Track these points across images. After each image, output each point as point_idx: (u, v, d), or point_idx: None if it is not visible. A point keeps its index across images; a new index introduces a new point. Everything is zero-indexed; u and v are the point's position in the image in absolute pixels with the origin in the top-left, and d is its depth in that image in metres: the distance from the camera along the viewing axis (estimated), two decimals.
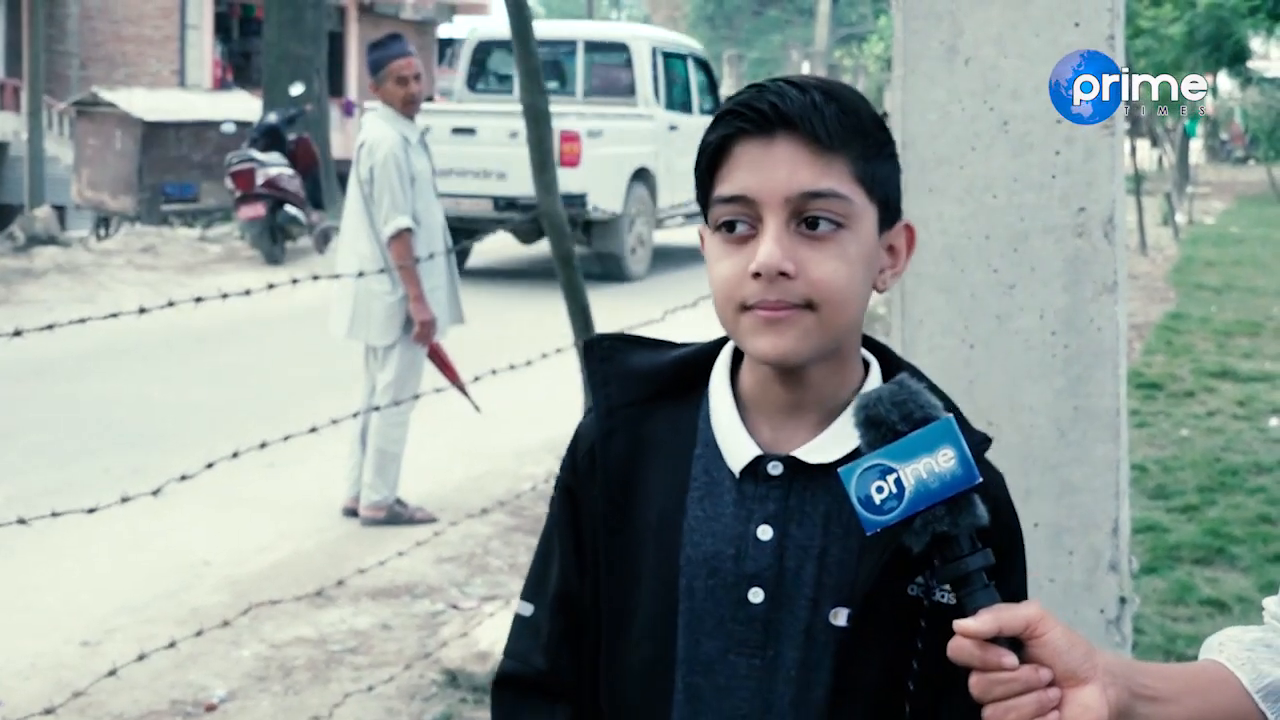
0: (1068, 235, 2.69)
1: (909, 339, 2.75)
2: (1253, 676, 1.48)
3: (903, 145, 2.75)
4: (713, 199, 1.50)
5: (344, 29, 33.47)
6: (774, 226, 1.46)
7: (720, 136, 1.50)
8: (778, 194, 1.46)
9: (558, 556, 1.62)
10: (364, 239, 6.60)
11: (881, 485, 1.34)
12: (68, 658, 5.06)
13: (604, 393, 1.60)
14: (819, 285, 1.46)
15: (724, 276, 1.49)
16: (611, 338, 1.64)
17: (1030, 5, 2.69)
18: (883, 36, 47.09)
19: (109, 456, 7.60)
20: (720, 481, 1.54)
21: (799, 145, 1.47)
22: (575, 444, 1.63)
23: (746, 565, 1.51)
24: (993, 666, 1.32)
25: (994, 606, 1.34)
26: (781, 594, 1.50)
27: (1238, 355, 10.81)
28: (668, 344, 1.65)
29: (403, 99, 6.63)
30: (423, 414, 6.85)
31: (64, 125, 25.64)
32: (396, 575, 5.83)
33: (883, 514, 1.35)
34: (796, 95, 1.48)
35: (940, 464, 1.33)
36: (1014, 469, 2.71)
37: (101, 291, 13.67)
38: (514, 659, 1.65)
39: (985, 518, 1.36)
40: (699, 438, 1.56)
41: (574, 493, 1.61)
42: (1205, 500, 6.77)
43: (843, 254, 1.48)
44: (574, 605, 1.60)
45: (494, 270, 14.92)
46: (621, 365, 1.61)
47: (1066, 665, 1.34)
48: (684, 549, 1.53)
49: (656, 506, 1.55)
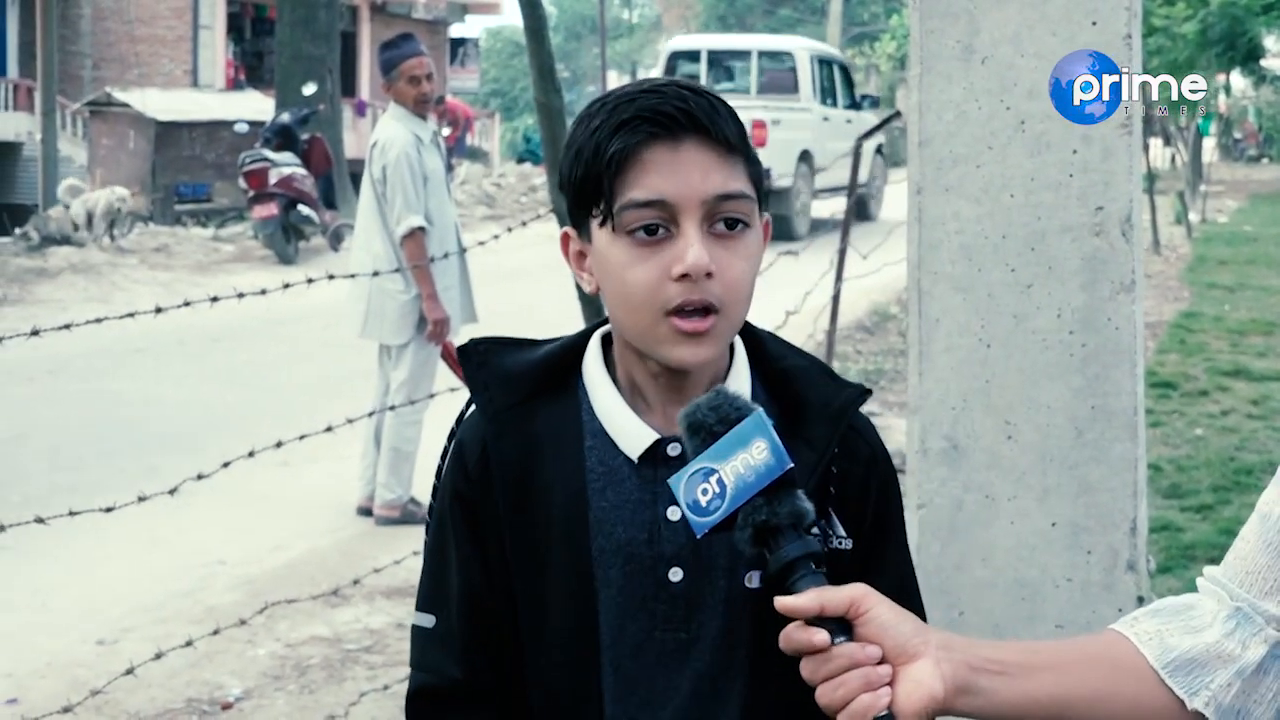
0: (1085, 234, 2.69)
1: (925, 338, 2.74)
2: (1159, 651, 1.46)
3: (919, 144, 2.75)
4: (621, 204, 1.51)
5: (356, 29, 33.51)
6: (693, 230, 1.49)
7: (627, 143, 1.50)
8: (694, 198, 1.50)
9: (456, 565, 1.61)
10: (377, 238, 6.61)
11: (706, 487, 1.38)
12: (83, 656, 5.08)
13: (486, 396, 1.61)
14: (731, 286, 1.51)
15: (642, 281, 1.50)
16: (485, 341, 1.65)
17: (1047, 4, 2.69)
18: (894, 35, 47.06)
19: (123, 456, 7.62)
20: (618, 469, 1.57)
21: (706, 149, 1.51)
22: (461, 452, 1.63)
23: (662, 547, 1.55)
24: (805, 646, 1.33)
25: (818, 588, 1.35)
26: (698, 569, 1.54)
27: (1252, 354, 10.78)
28: (534, 342, 1.67)
29: (415, 98, 6.64)
30: (436, 413, 6.85)
31: (77, 125, 25.71)
32: (411, 574, 5.81)
33: (709, 515, 1.37)
34: (695, 99, 1.51)
35: (755, 457, 1.36)
36: (1032, 468, 2.70)
37: (115, 291, 13.70)
38: (426, 671, 1.63)
39: (808, 510, 1.38)
40: (585, 429, 1.59)
41: (467, 499, 1.61)
42: (1220, 500, 6.75)
43: (748, 253, 1.54)
44: (482, 611, 1.60)
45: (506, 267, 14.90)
46: (499, 368, 1.62)
47: (895, 641, 1.34)
48: (594, 540, 1.55)
49: (558, 501, 1.57)
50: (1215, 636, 1.46)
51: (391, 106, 6.74)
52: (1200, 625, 1.48)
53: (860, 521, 1.60)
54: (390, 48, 6.80)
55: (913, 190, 2.77)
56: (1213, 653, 1.46)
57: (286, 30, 20.54)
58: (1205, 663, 1.46)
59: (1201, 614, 1.49)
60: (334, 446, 5.89)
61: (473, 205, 21.35)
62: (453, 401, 7.00)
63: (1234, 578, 1.50)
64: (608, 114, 1.52)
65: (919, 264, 2.76)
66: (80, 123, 25.36)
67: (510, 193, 23.64)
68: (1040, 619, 2.72)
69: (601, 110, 1.53)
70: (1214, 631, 1.47)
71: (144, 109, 21.65)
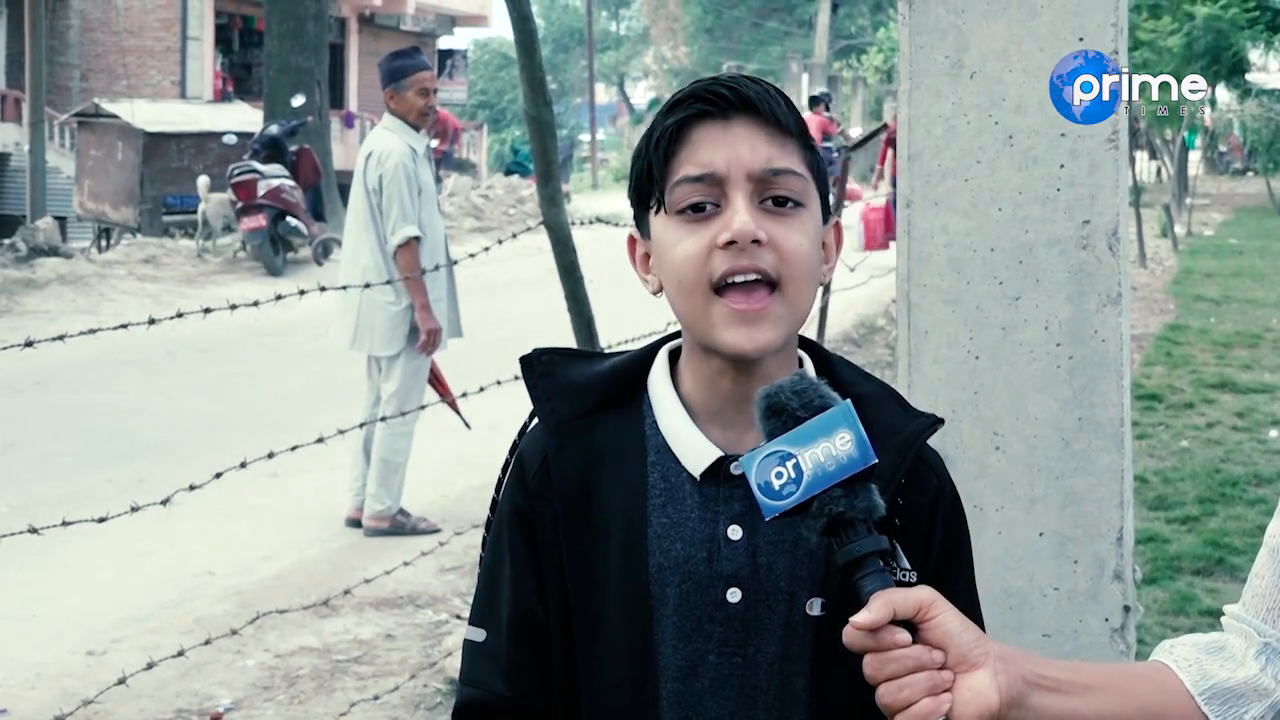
0: (1072, 248, 2.71)
1: (915, 350, 2.77)
2: (1197, 678, 1.49)
3: (909, 158, 2.77)
4: (672, 183, 1.51)
5: (344, 41, 33.53)
6: (741, 199, 1.48)
7: (679, 120, 1.51)
8: (743, 169, 1.49)
9: (510, 581, 1.59)
10: (366, 250, 6.62)
11: (781, 471, 1.36)
12: (73, 667, 5.08)
13: (549, 408, 1.58)
14: (788, 256, 1.48)
15: (689, 254, 1.49)
16: (548, 352, 1.62)
17: (1035, 20, 2.72)
18: (882, 49, 47.15)
19: (112, 467, 7.61)
20: (680, 486, 1.53)
21: (757, 126, 1.50)
22: (520, 465, 1.61)
23: (721, 566, 1.51)
24: (886, 646, 1.33)
25: (887, 590, 1.34)
26: (758, 591, 1.51)
27: (1237, 367, 10.82)
28: (600, 355, 1.65)
29: (420, 110, 6.67)
30: (425, 424, 6.87)
31: (65, 136, 25.67)
32: (400, 585, 5.84)
33: (781, 499, 1.35)
34: (749, 83, 1.52)
35: (838, 447, 1.34)
36: (1019, 479, 2.73)
37: (103, 303, 13.69)
38: (474, 686, 1.60)
39: (882, 507, 1.36)
40: (648, 444, 1.56)
41: (526, 514, 1.58)
42: (1205, 511, 6.78)
43: (804, 230, 1.51)
44: (534, 628, 1.57)
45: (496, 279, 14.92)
46: (561, 380, 1.60)
47: (959, 649, 1.35)
48: (652, 556, 1.53)
49: (618, 517, 1.54)
50: (1252, 672, 1.49)
51: (386, 117, 6.75)
52: (1235, 662, 1.50)
53: (926, 554, 1.56)
54: (401, 57, 6.81)
55: (902, 204, 2.80)
56: (1250, 686, 1.49)
57: (275, 42, 20.54)
58: (1242, 694, 1.48)
59: (1233, 652, 1.51)
60: (323, 457, 5.90)
61: (461, 217, 21.37)
62: (441, 413, 6.99)
63: (1257, 614, 1.52)
64: (667, 105, 1.54)
65: (908, 276, 2.78)
66: (68, 134, 25.33)
67: (498, 205, 23.66)
68: (1028, 628, 2.75)
69: (664, 105, 1.55)
70: (1249, 668, 1.49)
71: (132, 120, 21.62)
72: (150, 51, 29.96)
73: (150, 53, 29.94)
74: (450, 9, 36.83)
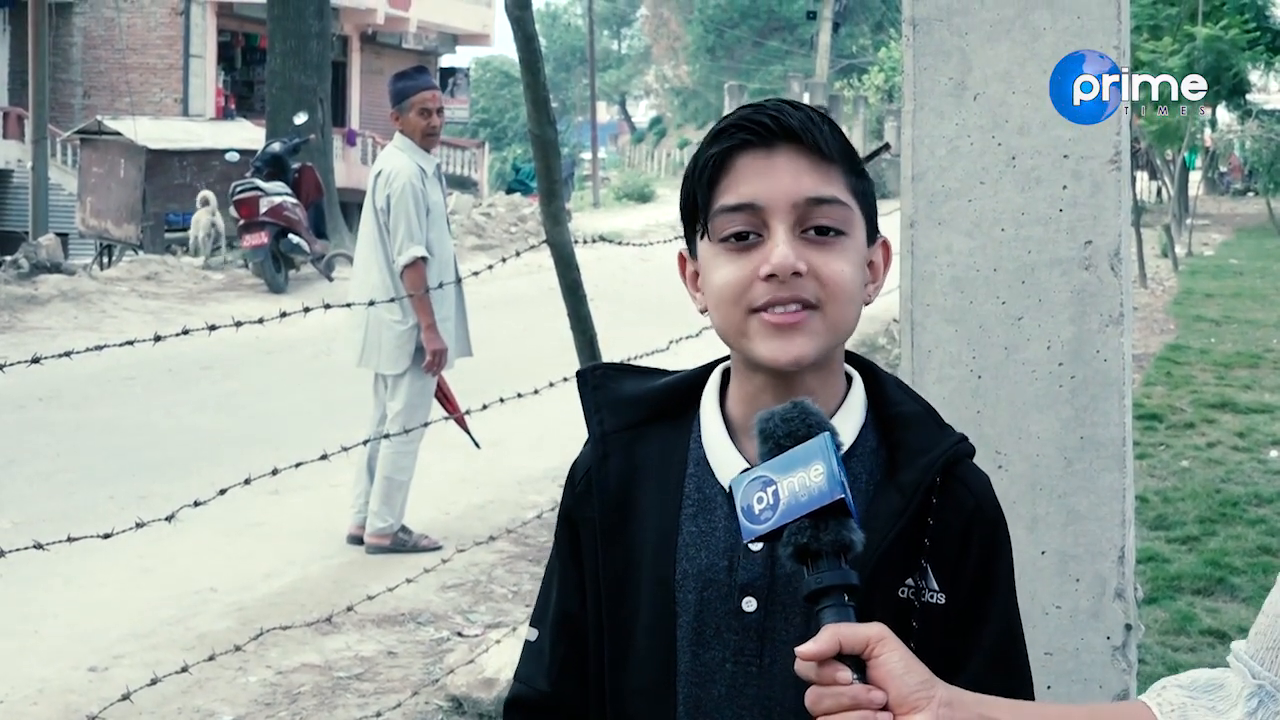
0: (1074, 268, 2.73)
1: (918, 369, 2.78)
2: None
3: (912, 179, 2.79)
4: (714, 211, 1.53)
5: (347, 59, 33.63)
6: (782, 231, 1.50)
7: (722, 149, 1.53)
8: (784, 200, 1.50)
9: (557, 583, 1.67)
10: (375, 268, 6.64)
11: (761, 496, 1.37)
12: (75, 683, 5.08)
13: (597, 419, 1.64)
14: (829, 282, 1.50)
15: (729, 281, 1.52)
16: (602, 367, 1.69)
17: (1037, 42, 2.74)
18: (883, 68, 47.28)
19: (114, 483, 7.62)
20: (712, 498, 1.57)
21: (800, 155, 1.52)
22: (573, 472, 1.67)
23: (739, 575, 1.54)
24: (826, 680, 1.32)
25: (837, 624, 1.33)
26: (775, 601, 1.53)
27: (1237, 387, 10.84)
28: (658, 371, 1.69)
29: (424, 130, 6.69)
30: (428, 441, 6.88)
31: (68, 153, 25.76)
32: (402, 602, 5.85)
33: (760, 523, 1.37)
34: (793, 111, 1.53)
35: (811, 479, 1.35)
36: (1021, 497, 2.74)
37: (105, 319, 13.71)
38: (522, 682, 1.70)
39: (858, 543, 1.36)
40: (690, 457, 1.60)
41: (572, 518, 1.65)
42: (1205, 531, 6.80)
43: (846, 257, 1.52)
44: (574, 629, 1.64)
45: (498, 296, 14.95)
46: (613, 393, 1.65)
47: (899, 691, 1.33)
48: (679, 564, 1.56)
49: (652, 525, 1.58)
50: (1237, 716, 1.43)
51: (397, 137, 6.78)
52: (1225, 707, 1.45)
53: (959, 575, 1.54)
54: (403, 78, 6.84)
55: (905, 224, 2.82)
56: None
57: (277, 60, 20.59)
58: None
59: (1229, 694, 1.46)
60: (325, 474, 5.91)
61: (462, 235, 21.40)
62: (444, 431, 6.99)
63: (1255, 654, 1.46)
64: (712, 133, 1.56)
65: (911, 296, 2.80)
66: (71, 151, 25.42)
67: (499, 222, 23.70)
68: (1030, 646, 2.74)
69: (710, 132, 1.57)
70: (1236, 712, 1.44)
71: (134, 137, 21.69)
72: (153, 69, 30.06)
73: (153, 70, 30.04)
74: (452, 28, 36.95)
